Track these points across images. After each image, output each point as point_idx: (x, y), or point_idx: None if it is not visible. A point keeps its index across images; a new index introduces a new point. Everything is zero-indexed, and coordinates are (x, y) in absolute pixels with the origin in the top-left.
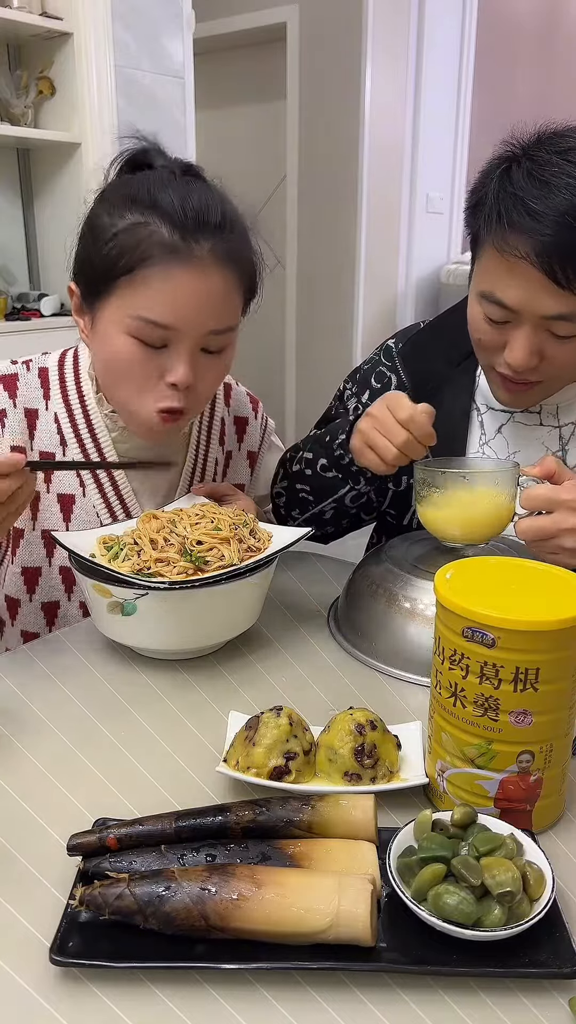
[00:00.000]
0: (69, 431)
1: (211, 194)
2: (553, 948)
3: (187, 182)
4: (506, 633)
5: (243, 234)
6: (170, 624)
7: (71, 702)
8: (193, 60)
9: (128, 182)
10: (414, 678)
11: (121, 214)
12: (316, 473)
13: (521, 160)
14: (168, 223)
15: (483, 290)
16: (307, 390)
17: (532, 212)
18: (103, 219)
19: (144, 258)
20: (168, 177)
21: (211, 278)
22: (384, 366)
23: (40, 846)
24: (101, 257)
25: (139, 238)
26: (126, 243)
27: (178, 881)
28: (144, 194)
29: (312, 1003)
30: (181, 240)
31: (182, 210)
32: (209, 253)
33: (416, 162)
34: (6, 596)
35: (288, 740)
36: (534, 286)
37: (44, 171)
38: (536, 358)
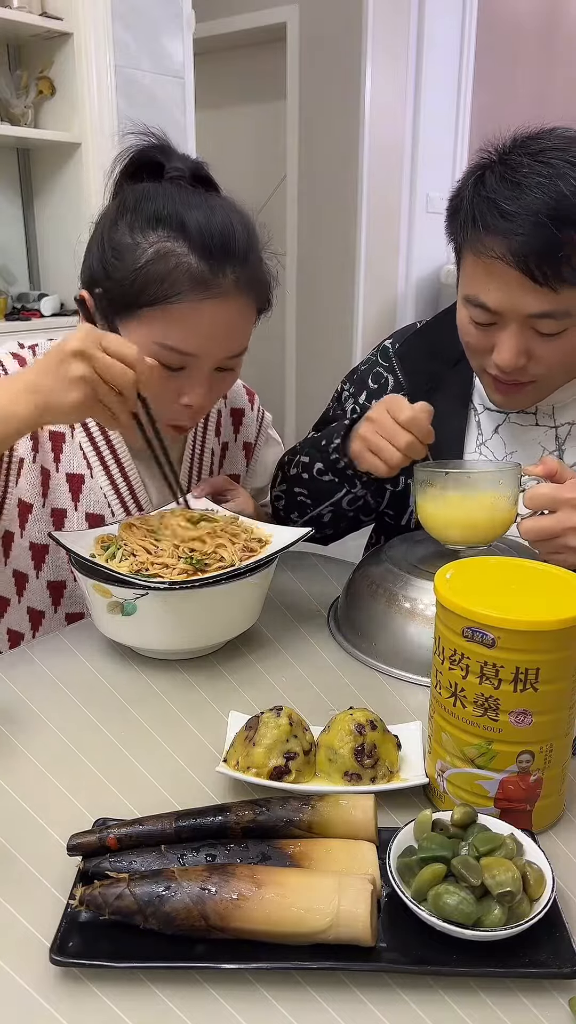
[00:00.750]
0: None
1: (232, 213)
2: (553, 948)
3: (208, 199)
4: (506, 633)
5: (259, 258)
6: (170, 624)
7: (71, 702)
8: (193, 60)
9: (149, 196)
10: (414, 678)
11: (145, 235)
12: (313, 477)
13: (495, 165)
14: (196, 252)
15: (466, 294)
16: (307, 390)
17: (505, 213)
18: (126, 238)
19: (174, 293)
20: (191, 194)
21: (233, 308)
22: (381, 367)
23: (40, 846)
24: (128, 280)
25: (167, 269)
26: (155, 272)
27: (178, 881)
28: (170, 213)
29: (312, 1003)
30: (209, 271)
31: (209, 235)
32: (233, 284)
33: (416, 162)
34: (14, 571)
35: (288, 740)
36: (513, 286)
37: (44, 171)
38: (524, 358)
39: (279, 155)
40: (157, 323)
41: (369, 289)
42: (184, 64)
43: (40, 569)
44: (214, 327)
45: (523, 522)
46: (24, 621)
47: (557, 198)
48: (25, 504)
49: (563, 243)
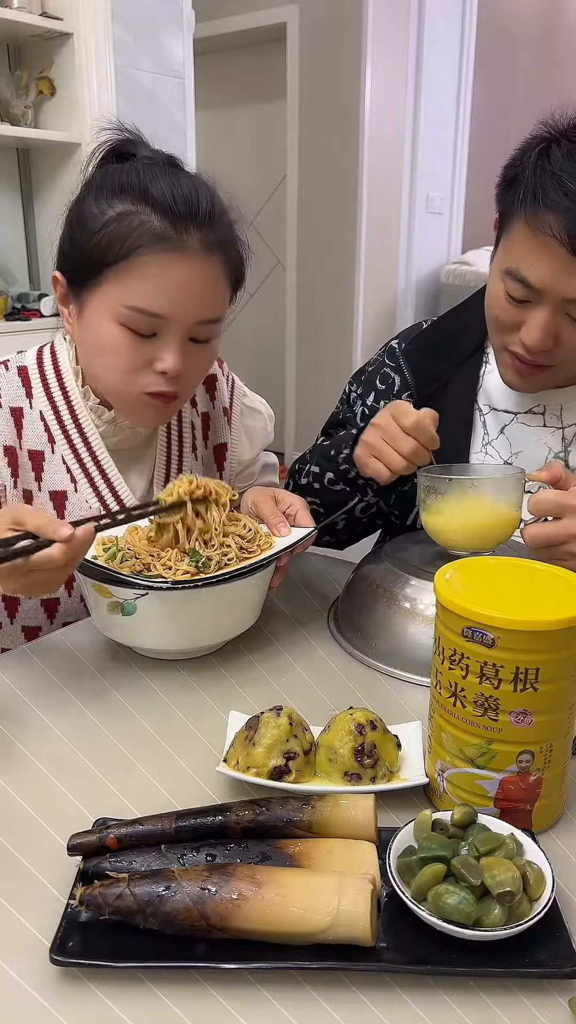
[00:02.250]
0: (56, 428)
1: (199, 183)
2: (553, 948)
3: (175, 172)
4: (506, 633)
5: (230, 224)
6: (170, 624)
7: (71, 702)
8: (193, 60)
9: (116, 171)
10: (414, 678)
11: (110, 203)
12: (324, 487)
13: (560, 141)
14: (159, 212)
15: (508, 267)
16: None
17: (569, 192)
18: (91, 208)
19: (135, 247)
20: (157, 167)
21: (201, 267)
22: (388, 367)
23: (40, 846)
24: (90, 246)
25: (130, 227)
26: (117, 232)
27: (178, 881)
28: (134, 183)
29: (312, 1003)
30: (172, 230)
31: (172, 199)
32: (199, 243)
33: (416, 162)
34: (3, 596)
35: (288, 740)
36: (561, 266)
37: (44, 171)
38: (551, 340)
39: (279, 155)
40: (122, 284)
41: (369, 289)
42: (184, 64)
43: None
44: (181, 285)
45: (527, 528)
46: (20, 640)
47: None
48: None
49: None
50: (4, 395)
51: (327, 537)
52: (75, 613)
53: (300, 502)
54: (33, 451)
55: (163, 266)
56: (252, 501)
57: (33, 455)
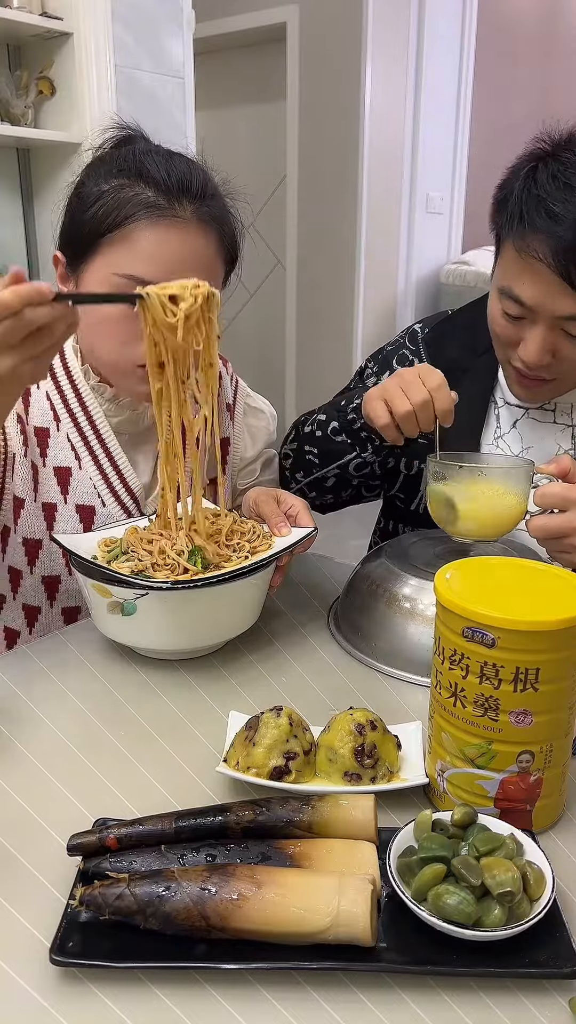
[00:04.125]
0: (61, 407)
1: (193, 164)
2: (553, 948)
3: (171, 154)
4: (506, 633)
5: (223, 202)
6: (170, 624)
7: (71, 702)
8: (193, 60)
9: (113, 154)
10: (414, 678)
11: (107, 180)
12: (326, 435)
13: (548, 160)
14: (153, 186)
15: (502, 286)
16: (307, 390)
17: (552, 214)
18: (88, 186)
19: (129, 215)
20: (153, 150)
21: (194, 237)
22: (408, 349)
23: (40, 846)
24: (86, 220)
25: (124, 199)
26: (111, 203)
27: (178, 881)
28: (130, 162)
29: (312, 1003)
30: (165, 201)
31: (166, 174)
32: (192, 214)
33: (416, 162)
34: (9, 567)
35: (288, 740)
36: (550, 287)
37: (44, 171)
38: (549, 356)
39: (279, 155)
40: (116, 253)
41: (369, 289)
42: (184, 64)
43: (34, 565)
44: (173, 253)
45: (532, 520)
46: (20, 618)
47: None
48: (18, 500)
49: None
50: None
51: (313, 494)
52: (76, 595)
53: (301, 503)
54: (39, 428)
55: (156, 233)
56: (254, 501)
57: (39, 431)
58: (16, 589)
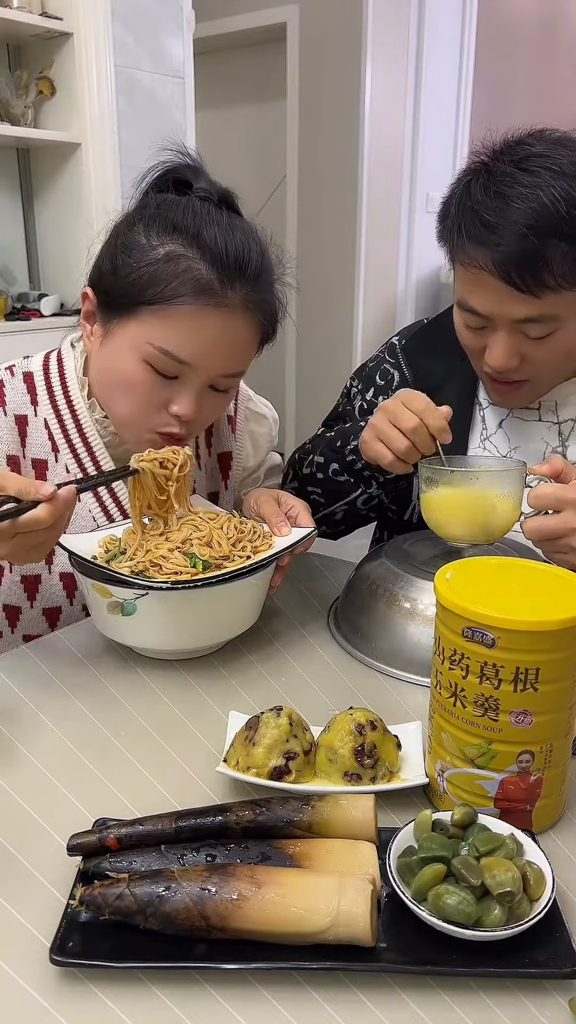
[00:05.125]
0: (60, 437)
1: (252, 236)
2: (553, 948)
3: (231, 219)
4: (506, 633)
5: (272, 283)
6: (170, 624)
7: (71, 702)
8: (193, 60)
9: (172, 205)
10: (414, 678)
11: (161, 238)
12: (328, 477)
13: (482, 173)
14: (207, 261)
15: (459, 299)
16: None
17: (488, 224)
18: (139, 238)
19: (178, 295)
20: (214, 210)
21: (237, 324)
22: (388, 363)
23: (40, 846)
24: (133, 277)
25: (176, 271)
26: (162, 272)
27: (178, 881)
28: (188, 223)
29: (312, 1003)
30: (217, 283)
31: (224, 250)
32: (240, 300)
33: (416, 162)
34: (4, 605)
35: (288, 740)
36: (499, 294)
37: (44, 171)
38: (515, 359)
39: (279, 155)
40: (156, 325)
41: (369, 289)
42: (184, 64)
43: (34, 600)
44: (214, 339)
45: (526, 521)
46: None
47: (538, 208)
48: None
49: (544, 252)
50: (9, 402)
51: (324, 527)
52: (55, 597)
53: (301, 504)
54: (37, 460)
55: (201, 318)
56: (254, 501)
57: (37, 464)
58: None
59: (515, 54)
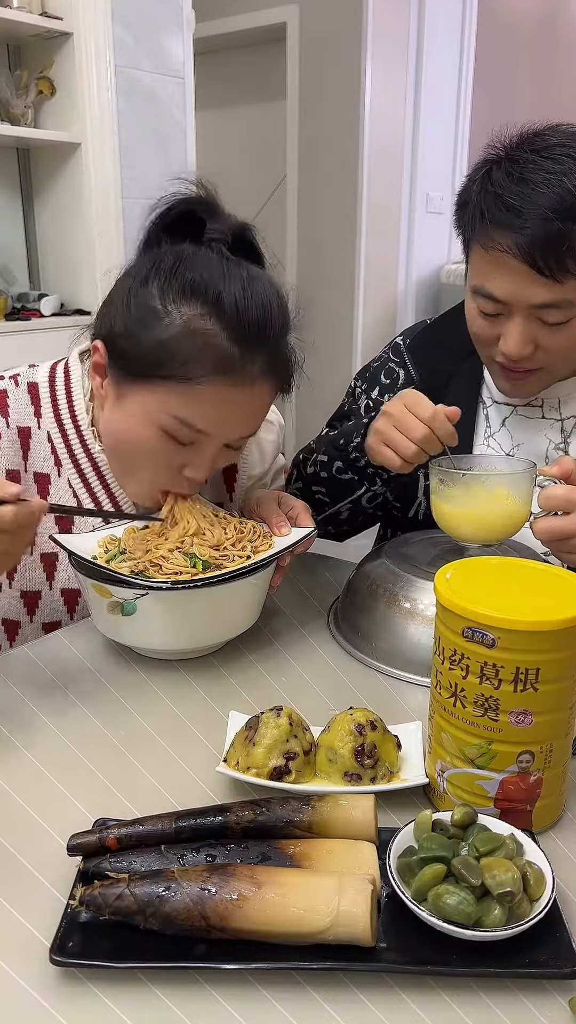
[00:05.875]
0: (63, 451)
1: (270, 291)
2: (553, 948)
3: (247, 272)
4: (506, 633)
5: (288, 339)
6: (170, 624)
7: (71, 702)
8: (193, 60)
9: (188, 262)
10: (414, 678)
11: (177, 304)
12: (332, 476)
13: (502, 161)
14: (228, 334)
15: (475, 285)
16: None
17: (512, 208)
18: (156, 303)
19: (199, 374)
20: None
21: (257, 394)
22: (393, 362)
23: (40, 846)
24: (148, 349)
25: (195, 348)
26: (180, 348)
27: (178, 881)
28: (207, 285)
29: (312, 1003)
30: (239, 357)
31: (244, 318)
32: (260, 371)
33: (416, 162)
34: (3, 620)
35: (288, 740)
36: (520, 278)
37: (44, 171)
38: (530, 346)
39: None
40: (174, 397)
41: (369, 289)
42: (184, 64)
43: (33, 614)
44: (234, 411)
45: (536, 522)
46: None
47: (562, 193)
48: None
49: (568, 237)
50: (12, 413)
51: (329, 527)
52: (56, 611)
53: (301, 504)
54: (39, 474)
55: (222, 394)
56: (255, 501)
57: (39, 478)
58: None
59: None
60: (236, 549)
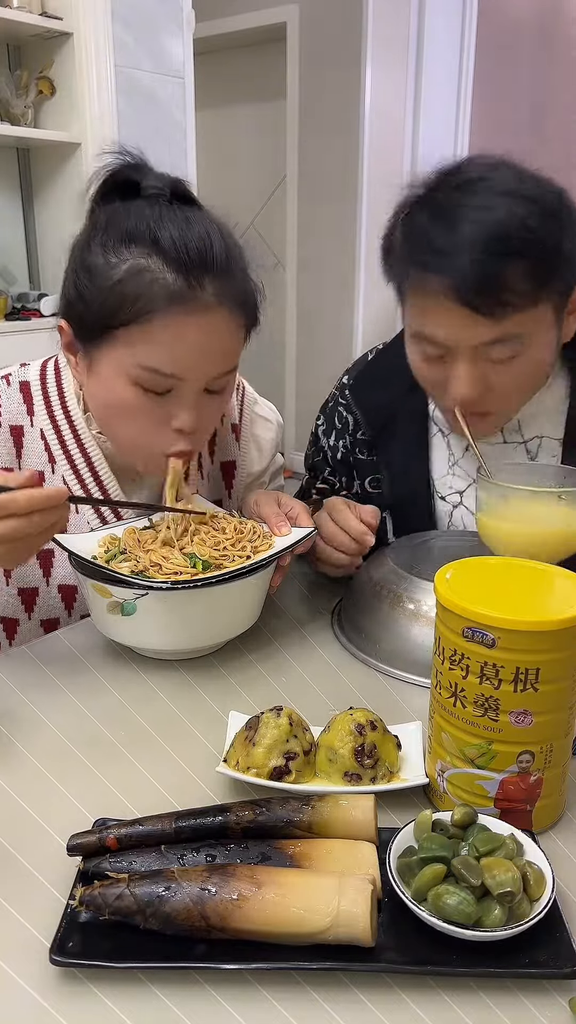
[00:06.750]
0: (58, 448)
1: (210, 225)
2: (553, 948)
3: (184, 213)
4: (506, 633)
5: (243, 269)
6: (170, 624)
7: (71, 702)
8: (193, 60)
9: (122, 214)
10: (417, 679)
11: (119, 253)
12: None
13: (423, 203)
14: (171, 266)
15: (414, 331)
16: (307, 390)
17: (440, 250)
18: (98, 258)
19: (149, 310)
20: (165, 208)
21: (216, 324)
22: (341, 405)
23: (40, 846)
24: (100, 303)
25: (142, 286)
26: (128, 291)
27: (178, 881)
28: (142, 229)
29: (312, 1003)
30: (186, 285)
31: (185, 249)
32: (213, 296)
33: (416, 162)
34: (1, 617)
35: (288, 740)
36: (459, 319)
37: (44, 171)
38: (481, 386)
39: (279, 155)
40: (136, 344)
41: (369, 289)
42: (184, 64)
43: (31, 611)
44: (197, 344)
45: None
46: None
47: (489, 228)
48: None
49: (501, 271)
50: (4, 412)
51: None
52: (54, 608)
53: (301, 505)
54: (14, 426)
55: (178, 327)
56: (255, 502)
57: (14, 429)
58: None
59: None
60: (236, 549)
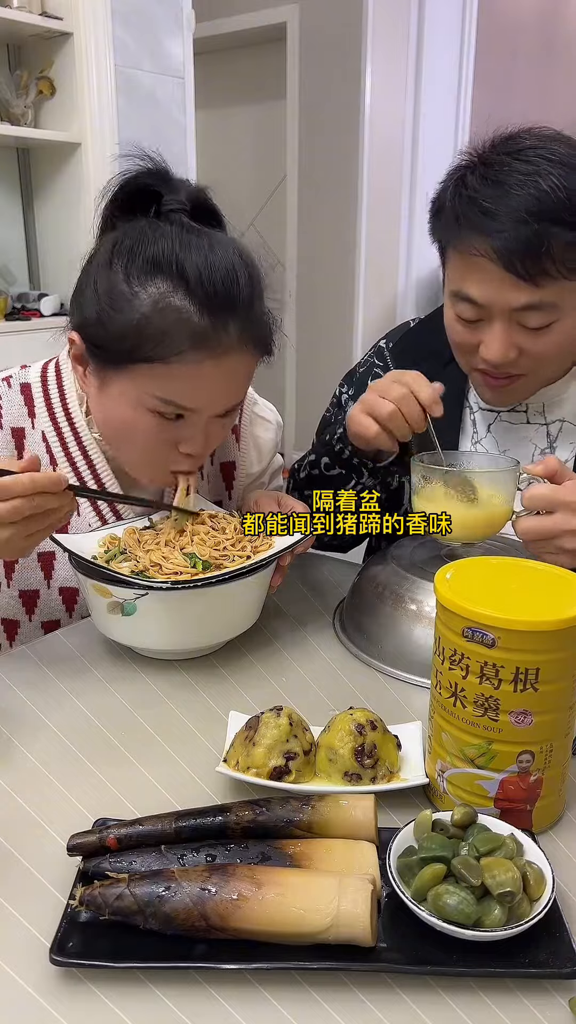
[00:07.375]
0: (59, 450)
1: (235, 254)
2: (553, 948)
3: (209, 239)
4: (506, 633)
5: (262, 302)
6: (170, 624)
7: (71, 702)
8: (193, 60)
9: (147, 237)
10: (419, 680)
11: (143, 283)
12: (321, 473)
13: (476, 166)
14: (196, 304)
15: (453, 289)
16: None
17: (487, 212)
18: (121, 284)
19: (175, 352)
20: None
21: (236, 363)
22: (377, 367)
23: (40, 846)
24: (121, 331)
25: (167, 324)
26: (152, 328)
27: (178, 881)
28: (168, 258)
29: (312, 1003)
30: (211, 327)
31: (211, 283)
32: (236, 338)
33: (416, 162)
34: (2, 619)
35: (288, 740)
36: (498, 282)
37: (44, 171)
38: (513, 351)
39: (279, 155)
40: (156, 378)
41: (369, 289)
42: (184, 64)
43: (32, 613)
44: (215, 383)
45: (519, 521)
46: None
47: (537, 195)
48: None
49: (544, 239)
50: (5, 415)
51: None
52: (54, 611)
53: (301, 506)
54: (15, 428)
55: (201, 368)
56: (255, 502)
57: (15, 432)
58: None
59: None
60: (236, 549)
